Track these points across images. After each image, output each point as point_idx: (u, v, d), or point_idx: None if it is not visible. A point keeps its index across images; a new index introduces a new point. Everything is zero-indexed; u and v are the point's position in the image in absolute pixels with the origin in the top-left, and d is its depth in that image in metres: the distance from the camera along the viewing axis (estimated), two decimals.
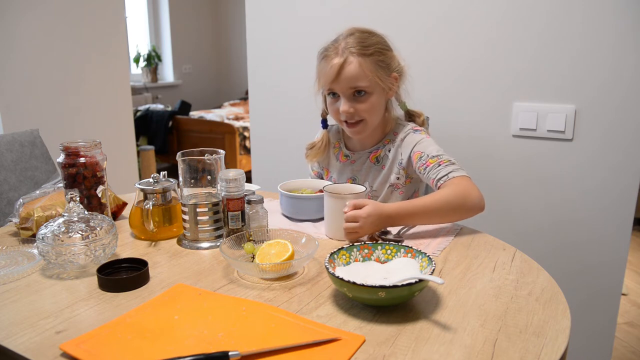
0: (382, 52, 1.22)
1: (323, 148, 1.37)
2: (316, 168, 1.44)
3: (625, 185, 1.43)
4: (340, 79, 1.19)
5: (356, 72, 1.18)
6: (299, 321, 0.71)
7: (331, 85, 1.22)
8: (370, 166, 1.31)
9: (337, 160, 1.37)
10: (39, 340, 0.68)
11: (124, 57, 2.78)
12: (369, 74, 1.19)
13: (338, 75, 1.19)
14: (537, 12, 1.46)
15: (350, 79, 1.19)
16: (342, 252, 0.84)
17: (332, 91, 1.23)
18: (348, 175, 1.35)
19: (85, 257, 0.87)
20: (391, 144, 1.29)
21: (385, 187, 1.28)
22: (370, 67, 1.19)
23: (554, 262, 1.53)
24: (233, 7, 6.10)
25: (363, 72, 1.18)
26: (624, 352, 2.02)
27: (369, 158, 1.31)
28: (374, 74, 1.19)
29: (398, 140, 1.28)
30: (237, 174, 1.00)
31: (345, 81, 1.19)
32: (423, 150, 1.21)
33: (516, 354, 0.63)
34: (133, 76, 5.40)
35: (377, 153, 1.30)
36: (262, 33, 1.95)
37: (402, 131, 1.29)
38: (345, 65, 1.18)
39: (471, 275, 0.86)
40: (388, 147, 1.29)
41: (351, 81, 1.19)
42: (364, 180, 1.32)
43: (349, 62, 1.18)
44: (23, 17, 2.26)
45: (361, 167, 1.33)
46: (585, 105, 1.45)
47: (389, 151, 1.28)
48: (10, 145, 1.48)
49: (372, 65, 1.19)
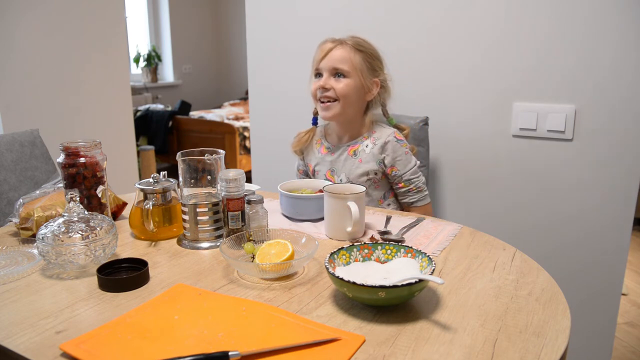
0: (372, 57, 1.35)
1: (306, 139, 1.48)
2: (301, 166, 1.53)
3: (625, 185, 1.43)
4: (327, 58, 1.33)
5: (342, 57, 1.32)
6: (299, 321, 0.71)
7: (318, 65, 1.35)
8: (347, 158, 1.40)
9: (318, 152, 1.46)
10: (39, 340, 0.68)
11: (124, 57, 2.78)
12: (353, 63, 1.31)
13: (325, 55, 1.33)
14: (537, 13, 1.46)
15: (335, 59, 1.32)
16: (342, 252, 0.84)
17: (318, 72, 1.36)
18: (327, 167, 1.43)
19: (85, 257, 0.87)
20: (369, 140, 1.38)
21: (363, 179, 1.37)
22: (356, 60, 1.32)
23: (554, 262, 1.53)
24: (233, 7, 6.10)
25: (349, 58, 1.32)
26: (624, 352, 2.02)
27: (347, 151, 1.40)
28: (358, 65, 1.32)
29: (378, 139, 1.37)
30: (237, 174, 1.00)
31: (330, 61, 1.32)
32: (399, 169, 1.35)
33: (516, 354, 0.63)
34: (133, 76, 5.40)
35: (355, 147, 1.39)
36: (262, 33, 1.95)
37: (381, 131, 1.39)
38: (335, 49, 1.33)
39: (471, 275, 0.86)
40: (366, 143, 1.38)
41: (335, 62, 1.32)
42: (341, 171, 1.40)
43: (339, 48, 1.33)
44: (23, 17, 2.26)
45: (339, 158, 1.41)
46: (585, 105, 1.45)
47: (366, 146, 1.38)
48: (10, 145, 1.48)
49: (359, 59, 1.32)
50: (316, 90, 1.35)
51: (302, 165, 1.52)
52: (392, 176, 1.36)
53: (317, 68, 1.36)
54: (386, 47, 1.42)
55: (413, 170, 1.36)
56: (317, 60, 1.36)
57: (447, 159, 1.69)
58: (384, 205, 1.40)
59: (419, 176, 1.38)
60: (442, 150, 1.68)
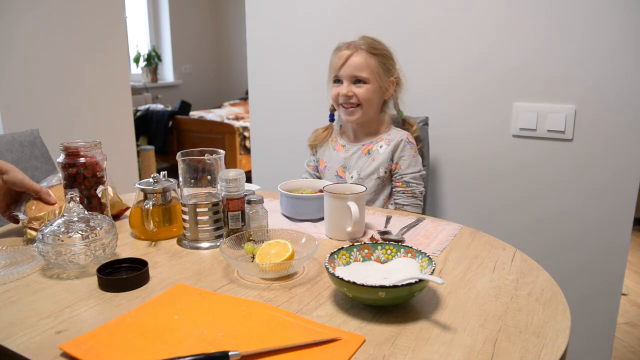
0: (386, 57, 1.40)
1: (324, 136, 1.53)
2: (312, 162, 1.55)
3: (625, 185, 1.43)
4: (346, 66, 1.37)
5: (360, 64, 1.37)
6: (299, 321, 0.71)
7: (338, 72, 1.40)
8: (361, 156, 1.44)
9: (334, 150, 1.50)
10: (39, 340, 0.67)
11: (124, 57, 2.78)
12: (371, 68, 1.37)
13: (344, 63, 1.37)
14: (537, 12, 1.46)
15: (354, 67, 1.37)
16: (342, 252, 0.84)
17: (337, 78, 1.41)
18: (340, 163, 1.46)
19: (85, 257, 0.87)
20: (384, 142, 1.42)
21: (373, 177, 1.41)
22: (374, 64, 1.37)
23: (553, 262, 1.53)
24: (233, 7, 6.10)
25: (366, 65, 1.36)
26: (624, 352, 2.02)
27: (362, 150, 1.45)
28: (375, 70, 1.37)
29: (392, 140, 1.41)
30: (237, 174, 1.00)
31: (350, 68, 1.37)
32: (402, 167, 1.40)
33: (516, 354, 0.63)
34: (133, 76, 5.40)
35: (370, 147, 1.44)
36: (262, 33, 1.95)
37: (396, 134, 1.43)
38: (352, 56, 1.37)
39: (471, 275, 0.86)
40: (380, 144, 1.43)
41: (355, 69, 1.37)
42: (353, 168, 1.43)
43: (356, 55, 1.37)
44: (23, 17, 2.26)
45: (352, 156, 1.45)
46: (585, 105, 1.45)
47: (380, 147, 1.42)
48: (10, 145, 1.48)
49: (375, 62, 1.37)
50: (337, 96, 1.40)
51: (313, 161, 1.55)
52: (394, 173, 1.40)
53: (336, 75, 1.40)
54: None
55: (414, 176, 1.39)
56: (335, 67, 1.40)
57: (447, 158, 1.69)
58: (389, 204, 1.42)
59: (418, 183, 1.39)
60: (442, 150, 1.68)
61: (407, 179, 1.39)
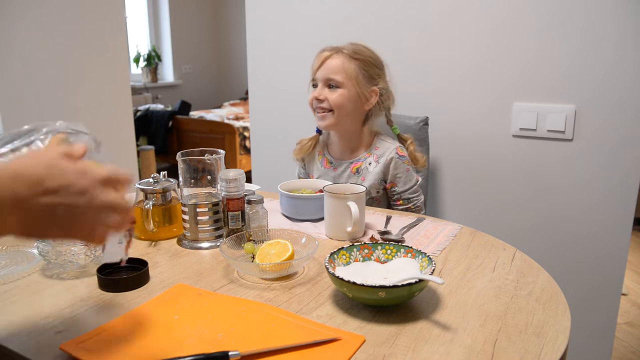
0: (370, 64, 1.32)
1: (308, 147, 1.45)
2: (302, 175, 1.50)
3: (625, 185, 1.43)
4: (322, 68, 1.31)
5: (336, 66, 1.29)
6: (299, 321, 0.71)
7: (314, 75, 1.34)
8: (350, 176, 1.38)
9: (321, 165, 1.44)
10: (39, 340, 0.67)
11: (124, 57, 2.77)
12: (348, 73, 1.29)
13: (321, 65, 1.31)
14: (537, 12, 1.46)
15: (329, 69, 1.30)
16: (342, 252, 0.84)
17: (314, 82, 1.35)
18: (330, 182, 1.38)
19: (85, 257, 0.87)
20: (371, 157, 1.36)
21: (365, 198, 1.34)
22: (352, 68, 1.29)
23: (553, 262, 1.53)
24: (233, 7, 6.10)
25: (342, 69, 1.29)
26: (624, 352, 2.02)
27: (350, 168, 1.38)
28: (352, 75, 1.29)
29: (381, 157, 1.34)
30: (237, 174, 1.00)
31: (325, 70, 1.30)
32: (399, 186, 1.34)
33: (516, 354, 0.63)
34: (133, 76, 5.40)
35: (358, 165, 1.37)
36: (262, 33, 1.95)
37: (383, 147, 1.36)
38: (330, 59, 1.30)
39: (471, 275, 0.86)
40: (369, 160, 1.36)
41: (329, 72, 1.30)
42: None
43: (334, 57, 1.30)
44: (23, 17, 2.26)
45: (342, 175, 1.39)
46: (585, 105, 1.45)
47: (369, 164, 1.36)
48: None
49: (354, 67, 1.29)
50: (312, 100, 1.34)
51: (303, 174, 1.50)
52: (391, 191, 1.35)
53: (313, 78, 1.35)
54: (386, 47, 1.42)
55: (413, 190, 1.35)
56: (313, 69, 1.35)
57: (447, 159, 1.69)
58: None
59: (418, 195, 1.37)
60: (442, 150, 1.68)
61: (406, 196, 1.35)
